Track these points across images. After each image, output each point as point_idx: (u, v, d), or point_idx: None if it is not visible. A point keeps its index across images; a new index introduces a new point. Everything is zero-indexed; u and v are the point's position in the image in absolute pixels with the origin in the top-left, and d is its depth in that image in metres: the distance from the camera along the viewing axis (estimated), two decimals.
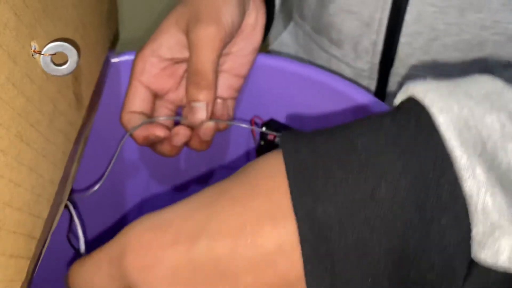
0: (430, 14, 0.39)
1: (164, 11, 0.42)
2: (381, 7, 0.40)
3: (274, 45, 0.56)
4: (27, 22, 0.22)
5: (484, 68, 0.40)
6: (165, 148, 0.35)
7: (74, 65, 0.23)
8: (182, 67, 0.35)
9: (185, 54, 0.33)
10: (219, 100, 0.36)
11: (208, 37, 0.31)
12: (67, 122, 0.28)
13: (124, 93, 0.42)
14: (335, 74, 0.37)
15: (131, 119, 0.34)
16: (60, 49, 0.22)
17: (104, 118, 0.41)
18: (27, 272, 0.24)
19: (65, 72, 0.23)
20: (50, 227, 0.28)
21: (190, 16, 0.32)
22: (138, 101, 0.34)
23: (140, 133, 0.34)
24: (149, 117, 0.35)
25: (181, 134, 0.34)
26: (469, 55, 0.40)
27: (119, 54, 0.41)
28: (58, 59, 0.24)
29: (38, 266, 0.27)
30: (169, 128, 0.35)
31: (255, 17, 0.35)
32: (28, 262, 0.24)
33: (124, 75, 0.41)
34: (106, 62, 0.38)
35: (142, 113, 0.35)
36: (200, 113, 0.32)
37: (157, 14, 0.57)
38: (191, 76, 0.32)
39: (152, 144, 0.35)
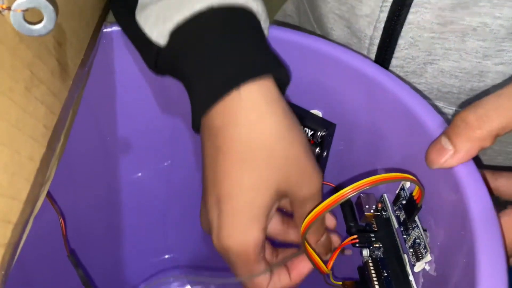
0: (426, 39, 0.34)
1: None
2: (373, 25, 0.36)
3: (278, 15, 0.51)
4: None
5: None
6: None
7: (51, 24, 0.20)
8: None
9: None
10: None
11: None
12: (49, 92, 0.24)
13: (117, 65, 0.38)
14: (344, 47, 0.34)
15: None
16: (33, 5, 0.19)
17: (94, 91, 0.37)
18: (3, 260, 0.21)
19: (42, 32, 0.20)
20: (31, 211, 0.25)
21: (290, 176, 0.27)
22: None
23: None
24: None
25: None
26: (468, 84, 0.36)
27: (112, 23, 0.37)
28: (33, 17, 0.20)
29: (17, 254, 0.23)
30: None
31: None
32: (3, 250, 0.21)
33: (116, 46, 0.37)
34: (97, 31, 0.34)
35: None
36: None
37: None
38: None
39: None
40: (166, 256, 0.53)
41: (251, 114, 0.26)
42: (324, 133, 0.35)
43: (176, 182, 0.47)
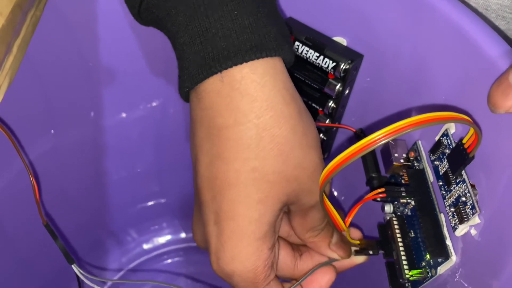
0: None
1: None
2: None
3: None
4: None
5: None
6: None
7: None
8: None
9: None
10: None
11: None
12: None
13: None
14: None
15: None
16: None
17: (73, 5, 0.30)
18: None
19: None
20: None
21: (302, 185, 0.23)
22: None
23: None
24: None
25: None
26: None
27: None
28: None
29: None
30: None
31: None
32: None
33: None
34: None
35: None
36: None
37: None
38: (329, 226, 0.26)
39: None
40: (162, 201, 0.48)
41: (266, 114, 0.21)
42: (348, 66, 0.28)
43: (171, 120, 0.40)
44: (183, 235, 0.47)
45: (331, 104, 0.30)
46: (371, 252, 0.27)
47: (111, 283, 0.44)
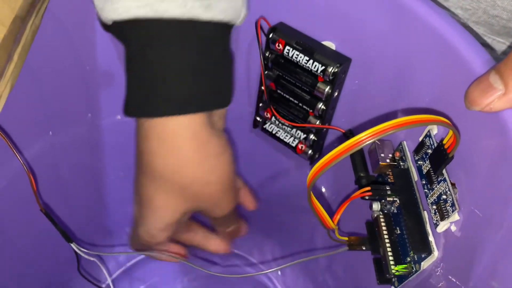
0: None
1: None
2: None
3: None
4: None
5: None
6: None
7: None
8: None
9: None
10: None
11: None
12: None
13: None
14: None
15: None
16: None
17: (70, 11, 0.31)
18: None
19: None
20: None
21: (200, 206, 0.29)
22: None
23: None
24: None
25: None
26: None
27: None
28: None
29: None
30: None
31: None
32: None
33: None
34: None
35: None
36: None
37: None
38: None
39: None
40: None
41: (170, 157, 0.26)
42: (336, 69, 0.29)
43: None
44: None
45: (320, 106, 0.31)
46: (364, 248, 0.29)
47: (114, 277, 0.45)
